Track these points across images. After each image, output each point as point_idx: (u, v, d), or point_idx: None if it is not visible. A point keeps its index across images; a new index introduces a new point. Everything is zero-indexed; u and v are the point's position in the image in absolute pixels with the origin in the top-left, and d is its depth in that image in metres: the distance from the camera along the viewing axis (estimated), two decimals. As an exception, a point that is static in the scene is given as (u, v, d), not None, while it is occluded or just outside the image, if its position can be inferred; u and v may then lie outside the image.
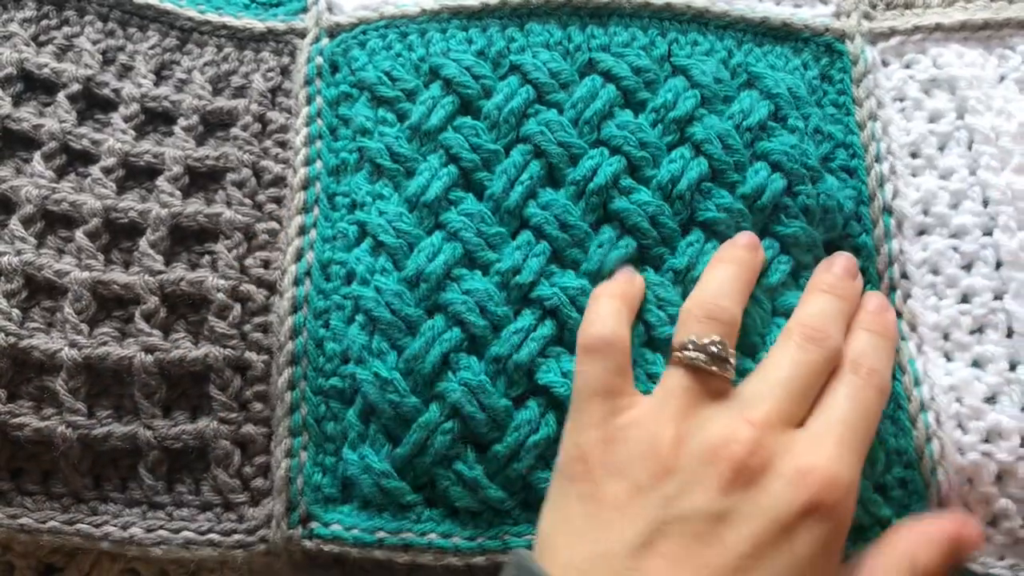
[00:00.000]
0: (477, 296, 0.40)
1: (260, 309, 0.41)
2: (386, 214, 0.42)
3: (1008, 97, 0.44)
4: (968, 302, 0.41)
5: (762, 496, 0.33)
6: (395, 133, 0.44)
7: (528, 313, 0.40)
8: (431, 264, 0.40)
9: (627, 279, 0.40)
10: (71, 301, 0.40)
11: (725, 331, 0.37)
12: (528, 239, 0.41)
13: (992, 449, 0.39)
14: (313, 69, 0.46)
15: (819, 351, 0.37)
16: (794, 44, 0.46)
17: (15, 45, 0.45)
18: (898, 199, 0.43)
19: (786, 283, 0.41)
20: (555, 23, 0.46)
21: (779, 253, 0.41)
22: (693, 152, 0.42)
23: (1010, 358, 0.40)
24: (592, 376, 0.37)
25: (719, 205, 0.41)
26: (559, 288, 0.40)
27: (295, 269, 0.42)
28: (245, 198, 0.43)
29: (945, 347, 0.41)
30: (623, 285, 0.40)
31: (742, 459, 0.33)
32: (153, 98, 0.45)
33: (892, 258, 0.42)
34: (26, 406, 0.40)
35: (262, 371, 0.41)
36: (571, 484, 0.35)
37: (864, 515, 0.38)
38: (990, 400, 0.40)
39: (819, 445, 0.34)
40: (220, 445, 0.40)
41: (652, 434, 0.35)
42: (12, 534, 0.40)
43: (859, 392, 0.36)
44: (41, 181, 0.42)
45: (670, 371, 0.37)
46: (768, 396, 0.36)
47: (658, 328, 0.40)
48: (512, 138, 0.43)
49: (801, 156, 0.42)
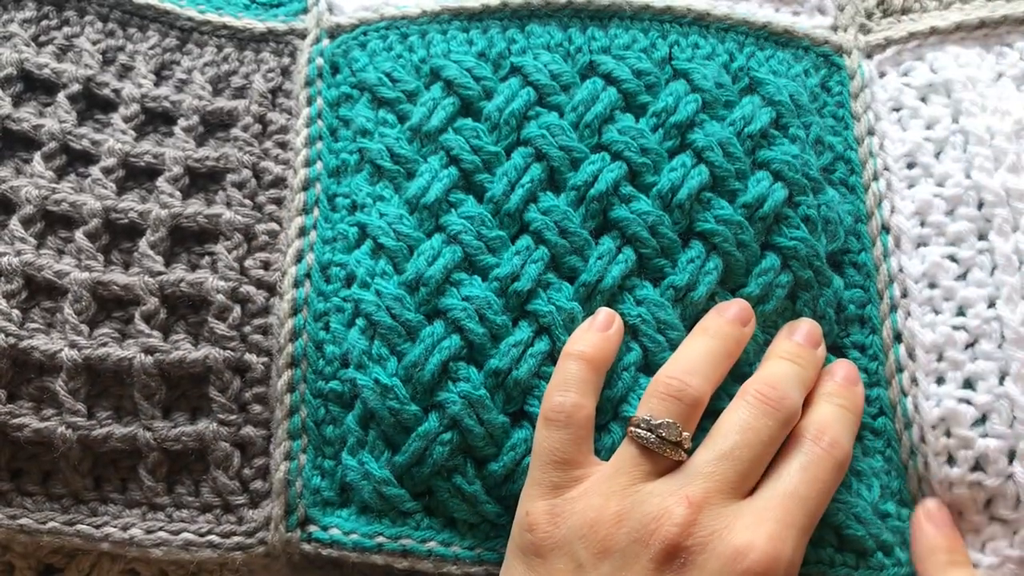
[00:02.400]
0: (476, 303, 0.39)
1: (260, 311, 0.41)
2: (386, 216, 0.42)
3: (1004, 95, 0.44)
4: (963, 314, 0.41)
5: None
6: (396, 134, 0.44)
7: (525, 325, 0.40)
8: (431, 268, 0.40)
9: (603, 334, 0.39)
10: (71, 302, 0.40)
11: (684, 412, 0.36)
12: (527, 244, 0.41)
13: (981, 477, 0.39)
14: (314, 70, 0.46)
15: (775, 415, 0.36)
16: (795, 51, 0.46)
17: (15, 45, 0.45)
18: (895, 215, 0.43)
19: (782, 310, 0.41)
20: (556, 25, 0.46)
21: (779, 272, 0.41)
22: (694, 160, 0.42)
23: (1001, 370, 0.40)
24: (549, 446, 0.36)
25: (718, 217, 0.41)
26: (554, 307, 0.39)
27: (295, 271, 0.42)
28: (245, 199, 0.43)
29: (939, 368, 0.41)
30: (598, 343, 0.38)
31: (675, 540, 0.33)
32: (153, 98, 0.45)
33: (892, 276, 0.42)
34: (26, 407, 0.40)
35: (262, 373, 0.41)
36: (522, 555, 0.36)
37: (867, 537, 0.38)
38: (978, 423, 0.39)
39: (762, 521, 0.33)
40: (220, 447, 0.40)
41: (596, 510, 0.35)
42: (12, 534, 0.40)
43: (816, 464, 0.35)
44: (41, 181, 0.42)
45: (625, 443, 0.37)
46: (714, 469, 0.35)
47: (657, 354, 0.39)
48: (513, 140, 0.43)
49: (803, 166, 0.42)
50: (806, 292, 0.41)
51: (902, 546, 0.38)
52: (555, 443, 0.36)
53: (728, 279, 0.41)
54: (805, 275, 0.41)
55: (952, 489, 0.39)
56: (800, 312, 0.41)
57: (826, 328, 0.41)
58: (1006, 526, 0.39)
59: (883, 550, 0.38)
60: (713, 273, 0.40)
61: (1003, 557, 0.39)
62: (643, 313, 0.39)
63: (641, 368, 0.39)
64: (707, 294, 0.40)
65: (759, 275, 0.40)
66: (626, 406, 0.38)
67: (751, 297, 0.40)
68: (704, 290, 0.40)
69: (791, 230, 0.41)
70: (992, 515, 0.39)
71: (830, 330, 0.41)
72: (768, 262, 0.41)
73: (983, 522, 0.39)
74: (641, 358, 0.39)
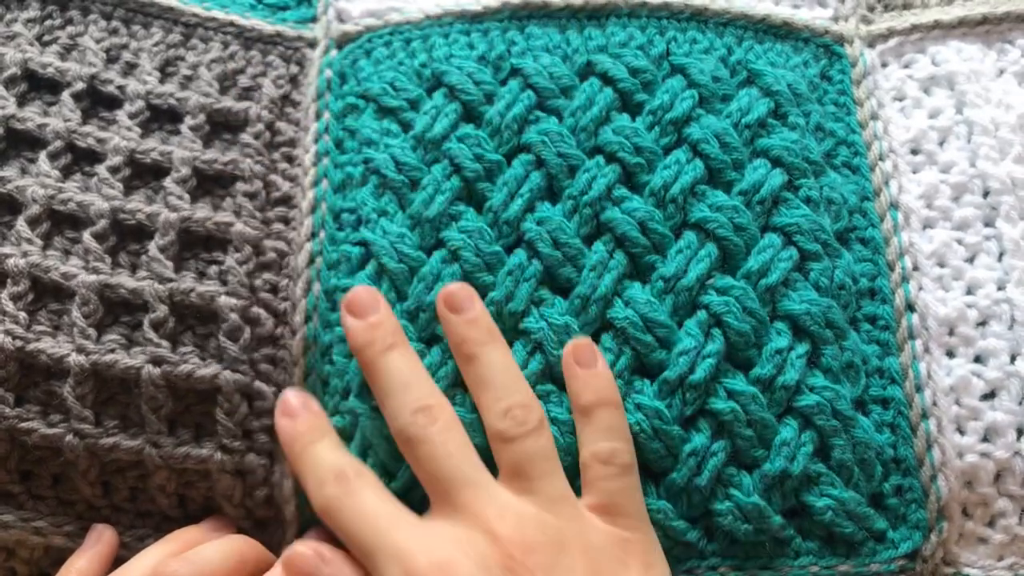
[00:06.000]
0: None
1: (268, 338, 0.41)
2: (389, 234, 0.42)
3: (1007, 89, 0.45)
4: (973, 294, 0.42)
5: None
6: (400, 143, 0.44)
7: (519, 346, 0.40)
8: (430, 295, 0.40)
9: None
10: (79, 304, 0.39)
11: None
12: (520, 261, 0.41)
13: (990, 448, 0.39)
14: (323, 83, 0.46)
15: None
16: (794, 43, 0.46)
17: (19, 45, 0.44)
18: (903, 194, 0.43)
19: (790, 281, 0.41)
20: (554, 27, 0.46)
21: (781, 248, 0.41)
22: (690, 154, 0.42)
23: (1011, 350, 0.41)
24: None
25: (712, 205, 0.41)
26: (546, 323, 0.39)
27: (305, 304, 0.42)
28: (256, 211, 0.43)
29: (950, 343, 0.41)
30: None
31: None
32: (158, 95, 0.44)
33: (903, 250, 0.42)
34: (33, 411, 0.39)
35: (271, 405, 0.40)
36: None
37: (857, 531, 0.38)
38: (987, 396, 0.40)
39: None
40: (224, 480, 0.40)
41: None
42: (25, 536, 0.40)
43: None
44: (47, 181, 0.41)
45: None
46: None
47: (648, 355, 0.39)
48: (514, 145, 0.43)
49: (803, 151, 0.42)
50: (817, 263, 0.41)
51: (897, 526, 0.39)
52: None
53: (728, 264, 0.41)
54: (812, 247, 0.41)
55: (963, 457, 0.39)
56: (816, 283, 0.41)
57: (847, 299, 0.41)
58: (1015, 502, 0.39)
59: (875, 538, 0.39)
60: (706, 260, 0.40)
61: (1013, 536, 0.39)
62: (630, 315, 0.39)
63: (635, 371, 0.39)
64: (698, 281, 0.40)
65: (759, 252, 0.41)
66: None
67: (751, 272, 0.40)
68: (694, 276, 0.40)
69: (792, 210, 0.41)
70: (1001, 489, 0.39)
71: (850, 301, 0.41)
72: (768, 240, 0.41)
73: (993, 495, 0.39)
74: (634, 360, 0.39)
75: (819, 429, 0.39)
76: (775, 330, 0.40)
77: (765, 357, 0.39)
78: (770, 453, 0.38)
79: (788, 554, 0.39)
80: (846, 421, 0.39)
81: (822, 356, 0.40)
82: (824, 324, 0.40)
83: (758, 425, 0.38)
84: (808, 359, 0.40)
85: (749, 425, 0.38)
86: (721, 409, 0.38)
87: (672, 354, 0.39)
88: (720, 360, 0.39)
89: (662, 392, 0.39)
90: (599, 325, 0.40)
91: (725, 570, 0.39)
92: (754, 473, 0.38)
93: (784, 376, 0.39)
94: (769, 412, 0.39)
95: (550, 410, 0.38)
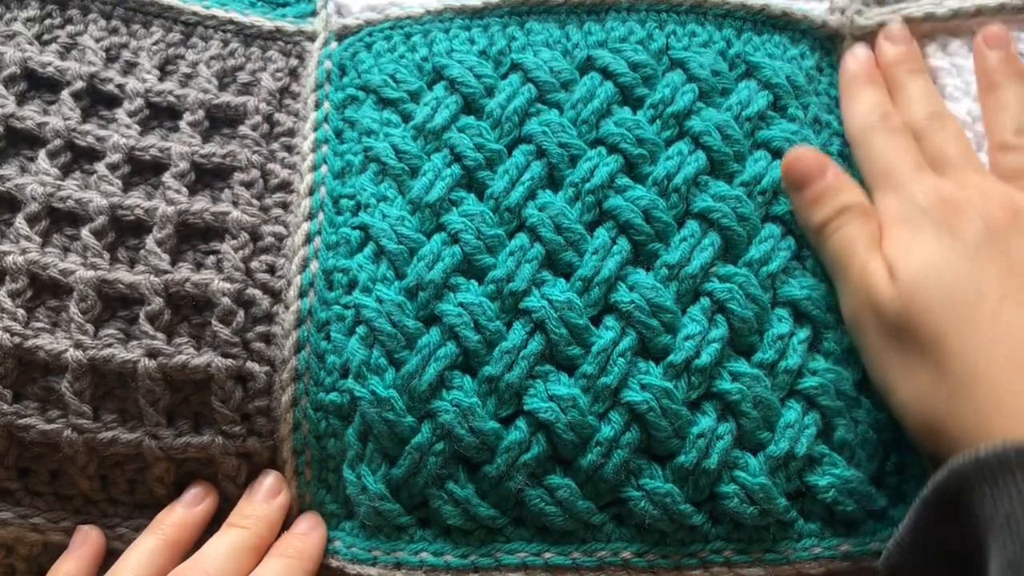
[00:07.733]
0: (471, 310, 0.39)
1: (263, 317, 0.41)
2: (389, 217, 0.42)
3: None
4: None
5: None
6: (400, 133, 0.44)
7: (519, 327, 0.39)
8: (430, 272, 0.40)
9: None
10: (77, 300, 0.39)
11: None
12: (522, 243, 0.41)
13: None
14: (322, 73, 0.46)
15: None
16: (792, 34, 0.47)
17: (19, 44, 0.45)
18: None
19: (789, 268, 0.41)
20: (554, 22, 0.46)
21: (780, 238, 0.41)
22: (692, 146, 0.42)
23: None
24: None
25: (715, 195, 0.41)
26: (547, 301, 0.39)
27: (300, 280, 0.42)
28: (253, 199, 0.43)
29: None
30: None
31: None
32: (158, 93, 0.45)
33: None
34: (32, 407, 0.39)
35: (264, 384, 0.40)
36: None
37: (858, 510, 0.38)
38: None
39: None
40: (227, 461, 0.40)
41: None
42: (23, 533, 0.40)
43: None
44: (46, 179, 0.41)
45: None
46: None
47: (653, 339, 0.39)
48: (514, 136, 0.43)
49: (802, 143, 0.42)
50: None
51: (897, 503, 0.39)
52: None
53: (731, 253, 0.41)
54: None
55: None
56: (814, 271, 0.41)
57: None
58: None
59: (875, 516, 0.39)
60: (709, 249, 0.40)
61: None
62: (636, 299, 0.39)
63: (639, 353, 0.39)
64: (702, 269, 0.40)
65: (760, 242, 0.41)
66: (627, 391, 0.38)
67: (752, 261, 0.40)
68: (698, 264, 0.40)
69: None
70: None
71: None
72: (768, 231, 0.41)
73: None
74: (638, 343, 0.39)
75: (822, 410, 0.39)
76: (776, 316, 0.40)
77: (767, 343, 0.39)
78: (775, 435, 0.38)
79: (791, 536, 0.38)
80: (849, 401, 0.39)
81: (823, 340, 0.40)
82: (825, 309, 0.40)
83: (763, 406, 0.38)
84: (809, 344, 0.40)
85: (755, 406, 0.38)
86: (728, 389, 0.38)
87: (678, 339, 0.39)
88: (724, 345, 0.39)
89: (668, 375, 0.39)
90: (601, 307, 0.40)
91: (729, 554, 0.38)
92: (759, 455, 0.38)
93: (787, 360, 0.39)
94: (773, 394, 0.39)
95: (550, 388, 0.38)
